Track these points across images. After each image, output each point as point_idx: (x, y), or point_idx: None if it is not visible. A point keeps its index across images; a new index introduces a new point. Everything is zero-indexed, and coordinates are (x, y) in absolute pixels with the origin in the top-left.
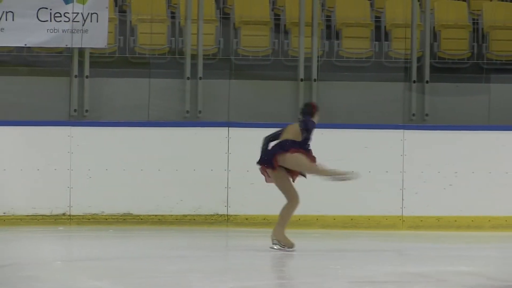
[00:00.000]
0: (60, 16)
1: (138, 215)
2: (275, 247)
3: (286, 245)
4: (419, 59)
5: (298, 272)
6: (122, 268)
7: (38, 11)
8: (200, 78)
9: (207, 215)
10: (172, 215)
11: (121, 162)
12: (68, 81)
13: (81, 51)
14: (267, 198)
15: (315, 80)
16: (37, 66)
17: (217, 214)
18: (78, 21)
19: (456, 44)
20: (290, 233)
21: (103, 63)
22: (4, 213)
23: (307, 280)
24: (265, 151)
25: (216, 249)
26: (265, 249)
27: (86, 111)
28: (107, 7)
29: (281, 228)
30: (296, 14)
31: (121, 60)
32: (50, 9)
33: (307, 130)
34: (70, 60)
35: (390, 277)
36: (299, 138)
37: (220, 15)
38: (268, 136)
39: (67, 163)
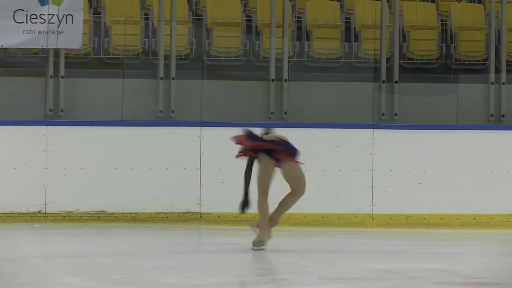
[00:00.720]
0: (36, 18)
1: (112, 213)
2: (253, 230)
3: (263, 238)
4: (388, 60)
5: (270, 269)
6: (98, 265)
7: (14, 13)
8: (173, 78)
9: (180, 213)
10: (145, 213)
11: (96, 161)
12: (43, 81)
13: (56, 52)
14: (239, 196)
15: (286, 80)
16: (13, 66)
17: (190, 212)
18: (54, 23)
19: (424, 45)
20: None
21: (78, 63)
22: None
23: (279, 277)
24: (286, 144)
25: (189, 246)
26: (237, 246)
27: (62, 110)
28: (82, 9)
29: (278, 216)
30: (267, 16)
31: (95, 60)
32: (26, 11)
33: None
34: (45, 61)
35: (360, 274)
36: None
37: (193, 16)
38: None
39: (42, 162)
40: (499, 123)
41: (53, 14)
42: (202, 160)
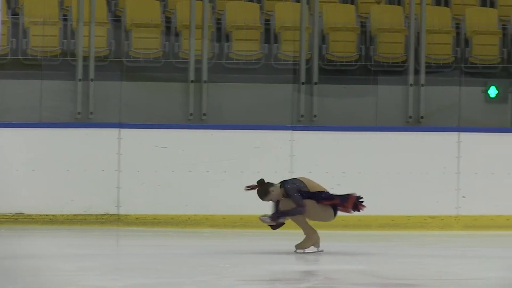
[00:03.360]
0: None
1: (29, 215)
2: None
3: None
4: (307, 61)
5: (188, 270)
6: (16, 266)
7: None
8: (92, 79)
9: (98, 214)
10: (63, 214)
11: (13, 162)
12: None
13: None
14: (157, 198)
15: (205, 81)
16: None
17: (108, 214)
18: None
19: (344, 47)
20: (179, 233)
21: None
22: None
23: (197, 278)
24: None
25: (108, 248)
26: (155, 248)
27: None
28: (0, 10)
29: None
30: (187, 17)
31: (13, 62)
32: None
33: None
34: None
35: (279, 276)
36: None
37: (112, 17)
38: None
39: None
40: (418, 125)
41: None
42: (121, 161)
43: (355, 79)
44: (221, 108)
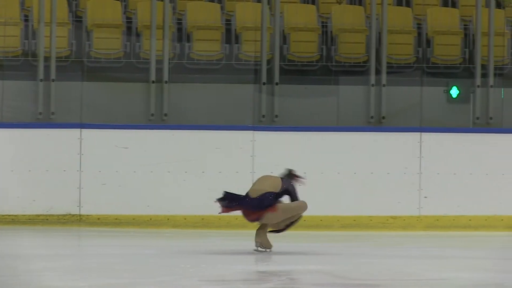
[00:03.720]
0: None
1: None
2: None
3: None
4: (269, 62)
5: (150, 271)
6: None
7: None
8: (53, 80)
9: (59, 215)
10: (25, 215)
11: None
12: None
13: None
14: (119, 198)
15: (166, 82)
16: None
17: (70, 214)
18: None
19: (305, 47)
20: (141, 233)
21: None
22: None
23: (159, 279)
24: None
25: (69, 248)
26: (117, 249)
27: None
28: None
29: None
30: (148, 17)
31: None
32: None
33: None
34: None
35: (241, 276)
36: (278, 189)
37: (73, 18)
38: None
39: None
40: (380, 125)
41: None
42: (82, 162)
43: (316, 79)
44: (183, 108)
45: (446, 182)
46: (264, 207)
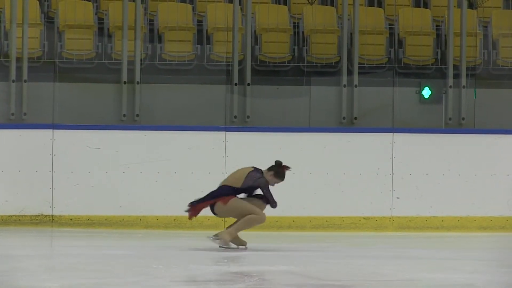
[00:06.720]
0: None
1: None
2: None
3: (239, 244)
4: (240, 62)
5: (121, 271)
6: None
7: None
8: (25, 80)
9: (32, 215)
10: None
11: None
12: None
13: None
14: (91, 199)
15: (138, 82)
16: None
17: (42, 215)
18: None
19: (277, 48)
20: (113, 234)
21: None
22: None
23: (130, 279)
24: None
25: (41, 248)
26: (89, 249)
27: None
28: None
29: (235, 231)
30: (119, 18)
31: None
32: None
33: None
34: None
35: (212, 276)
36: (238, 184)
37: (45, 19)
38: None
39: None
40: (352, 126)
41: None
42: (54, 162)
43: (288, 80)
44: (154, 109)
45: (419, 183)
46: (215, 196)
